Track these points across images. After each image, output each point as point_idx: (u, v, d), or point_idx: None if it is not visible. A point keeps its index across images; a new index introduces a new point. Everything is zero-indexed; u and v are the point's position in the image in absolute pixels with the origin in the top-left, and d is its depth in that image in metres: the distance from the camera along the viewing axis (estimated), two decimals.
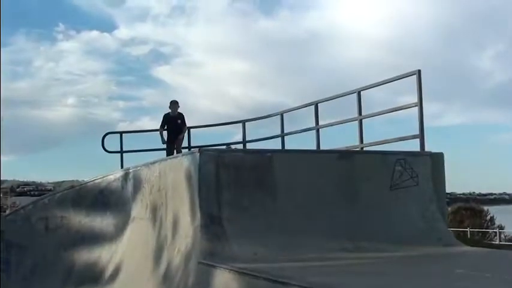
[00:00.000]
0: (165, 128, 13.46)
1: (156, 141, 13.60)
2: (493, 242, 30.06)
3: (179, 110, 13.45)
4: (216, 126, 15.68)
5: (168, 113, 13.42)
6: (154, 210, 9.13)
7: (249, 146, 14.20)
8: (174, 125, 13.33)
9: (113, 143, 14.52)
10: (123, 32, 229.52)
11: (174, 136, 13.34)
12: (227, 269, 6.48)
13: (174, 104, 13.41)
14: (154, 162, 9.55)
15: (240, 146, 14.18)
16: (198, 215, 7.69)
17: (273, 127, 13.67)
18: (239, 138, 14.80)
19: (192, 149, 12.95)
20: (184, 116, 13.47)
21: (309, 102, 12.23)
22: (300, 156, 8.66)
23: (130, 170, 10.26)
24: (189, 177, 8.10)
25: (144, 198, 9.54)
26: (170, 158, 9.59)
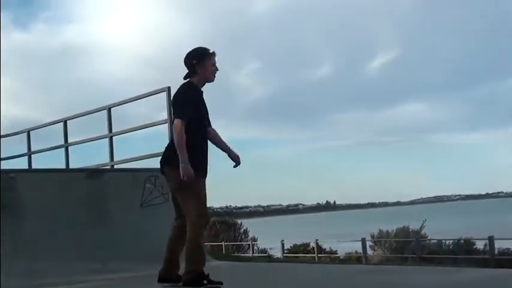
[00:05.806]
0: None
1: None
2: (247, 254, 34.45)
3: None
4: None
5: (195, 86, 7.26)
6: None
7: None
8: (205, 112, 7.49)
9: None
10: None
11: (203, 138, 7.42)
12: None
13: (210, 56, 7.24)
14: None
15: None
16: None
17: (23, 146, 14.68)
18: None
19: None
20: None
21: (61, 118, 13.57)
22: (47, 176, 9.79)
23: None
24: None
25: None
26: None
